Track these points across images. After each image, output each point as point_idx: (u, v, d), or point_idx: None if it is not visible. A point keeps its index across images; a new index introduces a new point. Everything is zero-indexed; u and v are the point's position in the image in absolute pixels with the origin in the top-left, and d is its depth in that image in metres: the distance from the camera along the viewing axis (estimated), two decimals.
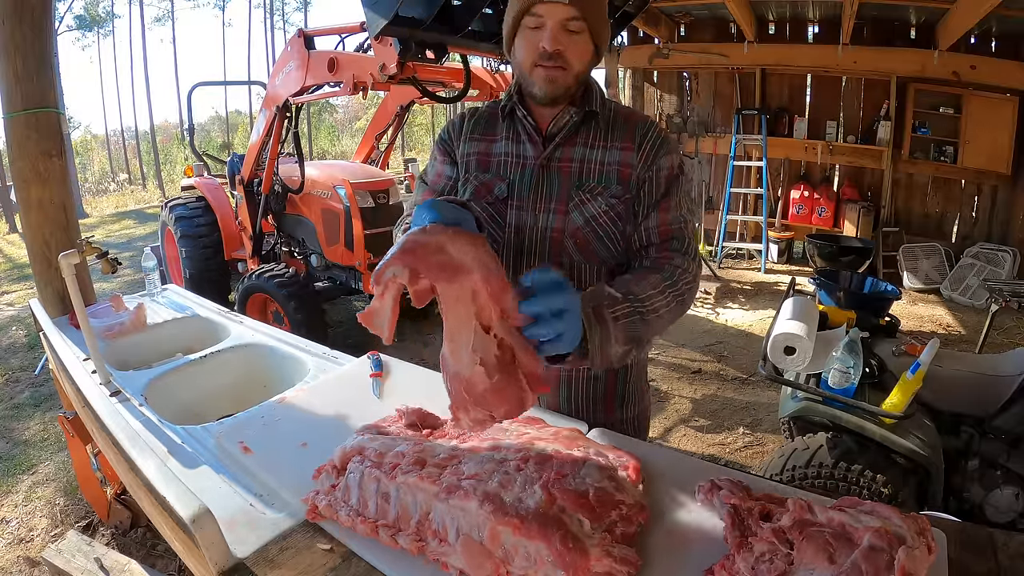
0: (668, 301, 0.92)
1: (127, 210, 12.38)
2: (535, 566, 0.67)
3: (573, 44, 0.96)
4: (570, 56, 0.96)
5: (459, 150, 1.11)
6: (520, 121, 1.06)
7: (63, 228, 1.88)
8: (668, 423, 2.96)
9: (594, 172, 1.02)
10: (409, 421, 0.97)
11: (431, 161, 1.17)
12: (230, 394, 1.55)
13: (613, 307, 0.84)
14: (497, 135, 1.09)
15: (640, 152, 1.02)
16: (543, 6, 0.93)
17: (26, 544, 2.14)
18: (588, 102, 1.03)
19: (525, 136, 1.06)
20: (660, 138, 1.03)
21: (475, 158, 1.09)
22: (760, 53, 5.52)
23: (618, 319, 0.83)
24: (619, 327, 0.83)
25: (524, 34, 0.98)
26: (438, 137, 1.16)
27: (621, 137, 1.03)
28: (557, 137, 1.03)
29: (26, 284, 5.98)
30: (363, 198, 3.63)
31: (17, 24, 1.73)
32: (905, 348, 1.88)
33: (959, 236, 5.34)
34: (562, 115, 1.03)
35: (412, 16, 2.18)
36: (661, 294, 0.92)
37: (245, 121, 21.03)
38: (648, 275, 0.94)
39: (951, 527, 0.76)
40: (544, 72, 0.97)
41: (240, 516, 0.85)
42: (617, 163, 1.02)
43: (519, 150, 1.06)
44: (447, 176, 1.13)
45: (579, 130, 1.04)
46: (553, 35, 0.94)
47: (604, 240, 1.03)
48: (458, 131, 1.13)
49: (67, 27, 17.09)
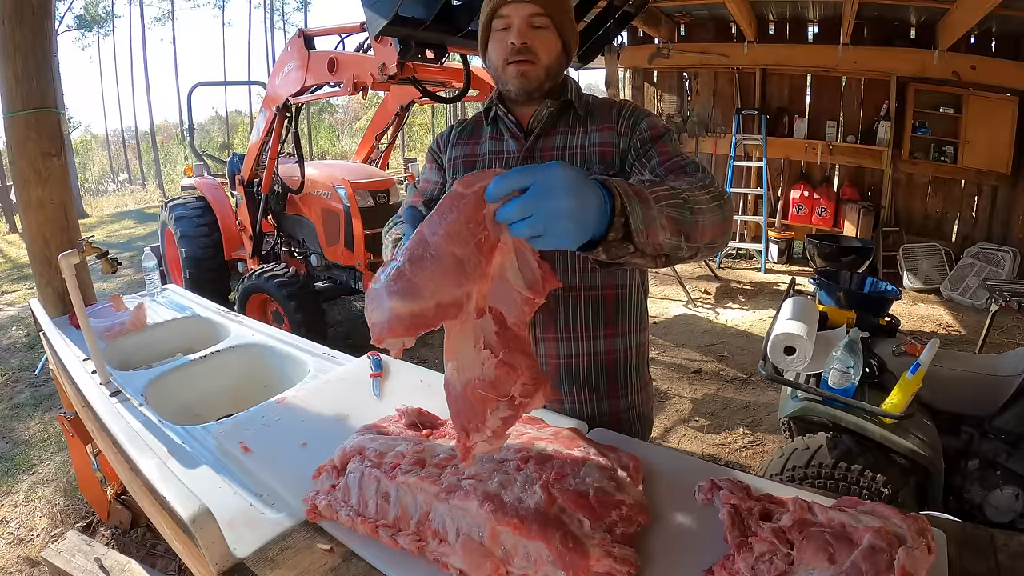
0: (707, 199, 0.79)
1: (127, 210, 12.38)
2: (535, 566, 0.67)
3: (539, 38, 1.02)
4: (538, 49, 1.02)
5: (446, 155, 1.17)
6: (502, 119, 1.11)
7: (63, 228, 1.88)
8: (668, 423, 2.96)
9: (576, 157, 1.06)
10: (409, 421, 0.97)
11: (423, 170, 1.24)
12: (230, 394, 1.55)
13: (653, 188, 0.72)
14: (482, 138, 1.15)
15: (618, 128, 1.06)
16: (508, 7, 1.00)
17: (26, 544, 2.14)
18: (563, 93, 1.09)
19: (508, 134, 1.11)
20: (636, 110, 1.07)
21: (460, 160, 1.15)
22: (760, 53, 5.52)
23: (659, 199, 0.70)
24: (663, 208, 0.70)
25: (494, 37, 1.04)
26: (428, 148, 1.23)
27: (599, 121, 1.07)
28: (537, 129, 1.08)
29: (26, 284, 5.98)
30: (363, 198, 3.63)
31: (17, 24, 1.73)
32: (905, 348, 1.88)
33: (959, 236, 5.34)
34: (540, 109, 1.07)
35: (412, 16, 2.17)
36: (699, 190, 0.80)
37: (245, 121, 21.03)
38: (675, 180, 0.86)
39: (951, 527, 0.76)
40: (515, 68, 1.02)
41: (240, 516, 0.85)
42: (597, 144, 1.06)
43: (502, 147, 1.11)
44: (435, 181, 1.19)
45: (558, 121, 1.09)
46: (519, 30, 1.00)
47: None
48: (445, 139, 1.19)
49: (67, 27, 17.11)
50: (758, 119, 5.66)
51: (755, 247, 5.82)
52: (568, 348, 1.09)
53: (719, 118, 6.03)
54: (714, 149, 6.01)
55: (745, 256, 6.05)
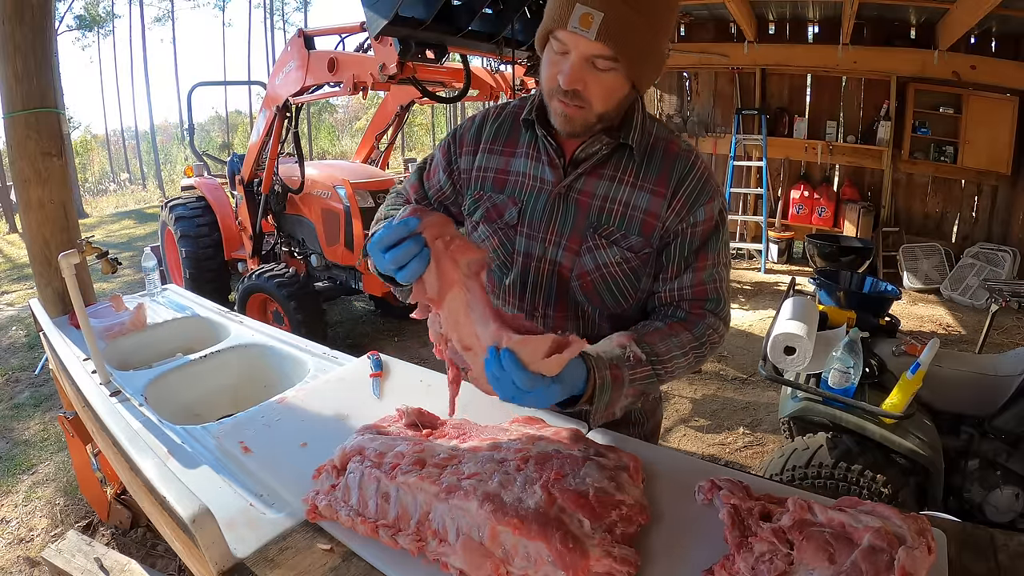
0: (689, 362, 0.89)
1: (127, 210, 12.38)
2: (535, 566, 0.67)
3: (597, 83, 0.82)
4: (591, 96, 0.83)
5: (473, 161, 1.03)
6: (541, 139, 0.95)
7: (63, 228, 1.88)
8: (668, 423, 2.96)
9: (616, 214, 0.92)
10: (409, 421, 0.97)
11: (434, 154, 1.10)
12: (230, 394, 1.55)
13: (634, 370, 0.82)
14: (518, 147, 0.99)
15: (674, 201, 0.90)
16: (566, 34, 0.79)
17: (26, 544, 2.14)
18: (624, 132, 0.91)
19: (546, 157, 0.95)
20: (700, 183, 0.91)
21: (492, 175, 1.00)
22: (760, 53, 5.52)
23: (635, 381, 0.82)
24: (633, 387, 0.82)
25: (549, 55, 0.85)
26: (451, 132, 1.07)
27: (655, 176, 0.91)
28: (582, 165, 0.93)
29: (26, 284, 5.98)
30: (363, 198, 3.63)
31: (17, 24, 1.73)
32: (905, 348, 1.88)
33: (959, 236, 5.34)
34: (591, 143, 0.91)
35: (412, 16, 2.18)
36: (685, 356, 0.88)
37: (245, 121, 21.04)
38: (679, 332, 0.89)
39: (951, 527, 0.76)
40: (561, 107, 0.85)
41: (240, 516, 0.85)
42: (644, 210, 0.91)
43: (538, 171, 0.96)
44: (439, 184, 1.08)
45: (608, 160, 0.93)
46: (572, 72, 0.81)
47: (612, 290, 0.96)
48: (473, 139, 1.03)
49: (67, 27, 17.10)
50: (758, 119, 5.66)
51: (755, 247, 5.82)
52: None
53: (719, 118, 6.03)
54: (714, 149, 6.01)
55: (745, 256, 6.05)
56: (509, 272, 1.02)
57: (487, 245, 1.03)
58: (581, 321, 1.00)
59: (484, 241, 1.03)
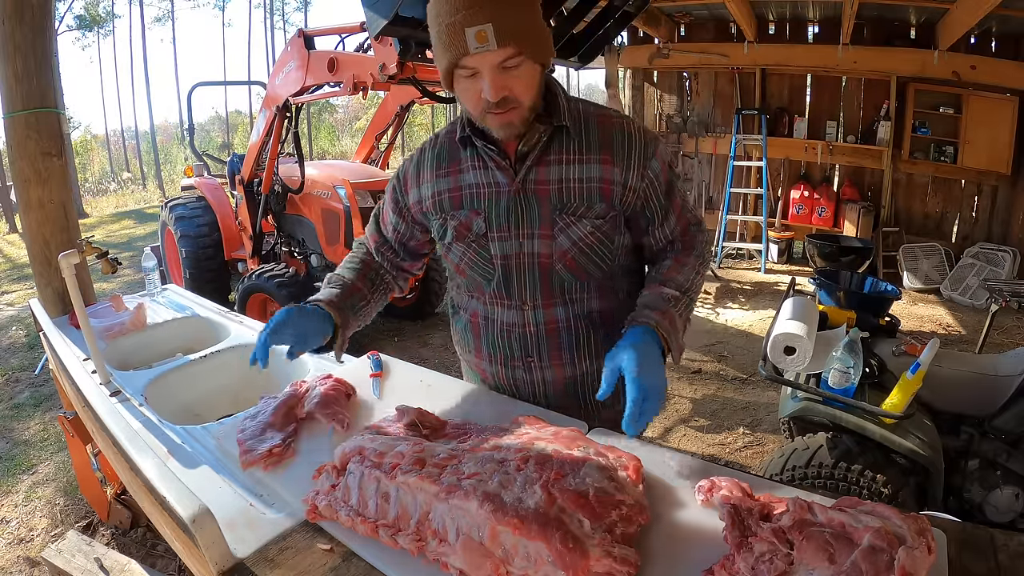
0: (702, 276, 1.08)
1: (127, 210, 12.38)
2: (535, 566, 0.67)
3: (517, 81, 0.89)
4: (519, 94, 0.90)
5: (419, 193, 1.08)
6: (482, 151, 1.00)
7: (63, 228, 1.88)
8: (668, 423, 2.96)
9: (575, 191, 0.98)
10: (409, 421, 0.97)
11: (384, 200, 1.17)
12: (230, 394, 1.55)
13: (677, 306, 0.98)
14: (462, 164, 1.03)
15: (622, 163, 0.98)
16: (471, 58, 0.86)
17: (26, 544, 2.14)
18: (555, 114, 0.97)
19: (492, 163, 1.00)
20: (642, 140, 0.99)
21: (447, 195, 1.04)
22: (760, 53, 5.52)
23: (681, 314, 0.99)
24: (682, 319, 0.99)
25: (461, 84, 0.91)
26: (394, 175, 1.13)
27: (598, 148, 0.98)
28: (528, 158, 0.98)
29: (26, 284, 5.98)
30: (363, 198, 3.63)
31: (17, 24, 1.73)
32: (905, 348, 1.88)
33: (959, 236, 5.34)
34: (529, 136, 0.96)
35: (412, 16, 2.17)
36: (698, 273, 1.06)
37: (245, 121, 21.03)
38: (687, 259, 1.06)
39: (951, 527, 0.76)
40: (497, 119, 0.91)
41: (240, 516, 0.85)
42: (598, 179, 0.98)
43: (489, 178, 1.01)
44: (393, 226, 1.16)
45: (550, 146, 0.98)
46: (494, 84, 0.87)
47: (593, 258, 1.03)
48: (415, 173, 1.08)
49: (67, 27, 17.08)
50: (758, 119, 5.66)
51: (755, 247, 5.82)
52: (573, 370, 1.10)
53: (719, 118, 6.03)
54: (714, 149, 6.01)
55: (745, 256, 6.05)
56: (492, 278, 1.05)
57: (465, 261, 1.07)
58: (568, 302, 1.06)
59: (461, 258, 1.07)
